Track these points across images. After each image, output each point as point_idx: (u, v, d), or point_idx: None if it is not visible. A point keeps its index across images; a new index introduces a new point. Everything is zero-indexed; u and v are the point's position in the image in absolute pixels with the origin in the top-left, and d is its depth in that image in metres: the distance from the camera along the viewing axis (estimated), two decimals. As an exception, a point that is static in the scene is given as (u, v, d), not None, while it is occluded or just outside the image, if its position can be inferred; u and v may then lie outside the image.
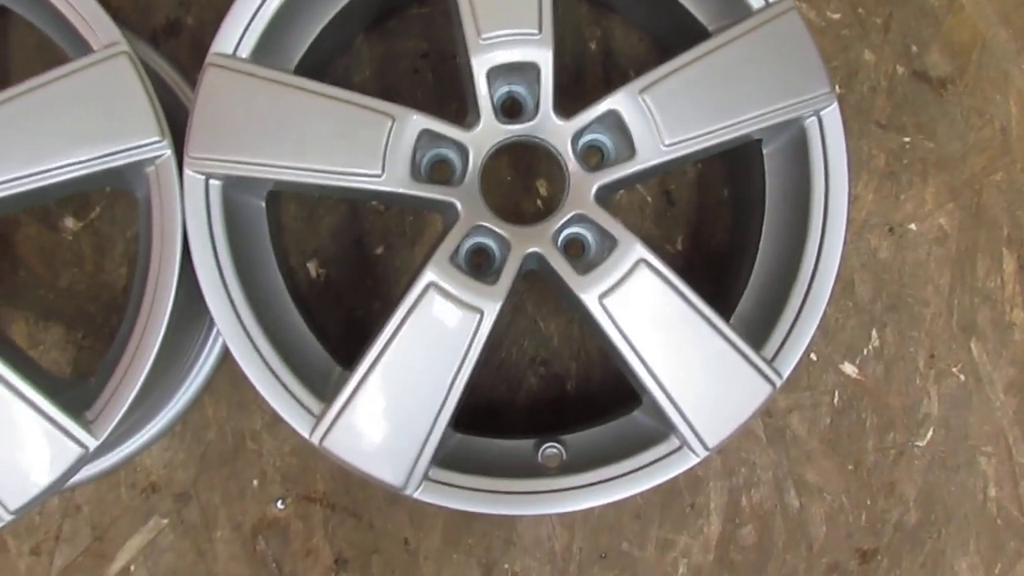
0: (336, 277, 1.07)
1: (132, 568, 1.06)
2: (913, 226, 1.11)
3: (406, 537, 1.07)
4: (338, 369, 0.89)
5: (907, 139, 1.11)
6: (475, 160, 0.83)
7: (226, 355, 1.05)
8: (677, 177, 1.09)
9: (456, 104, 1.08)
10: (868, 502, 1.10)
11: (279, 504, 1.07)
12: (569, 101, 0.88)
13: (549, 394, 1.09)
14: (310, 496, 1.07)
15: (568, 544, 1.08)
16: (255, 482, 1.07)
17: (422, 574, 1.07)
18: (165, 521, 1.06)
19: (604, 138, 0.87)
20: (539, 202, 1.08)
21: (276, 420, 1.06)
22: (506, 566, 1.08)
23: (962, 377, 1.10)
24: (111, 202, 1.07)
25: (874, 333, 1.10)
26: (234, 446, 1.07)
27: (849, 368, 1.10)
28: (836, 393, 1.10)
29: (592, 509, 1.08)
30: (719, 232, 1.09)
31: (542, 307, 1.08)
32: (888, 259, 1.11)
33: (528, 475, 0.86)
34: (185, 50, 1.07)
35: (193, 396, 1.04)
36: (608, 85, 1.08)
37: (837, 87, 1.10)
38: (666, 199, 1.09)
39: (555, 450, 0.89)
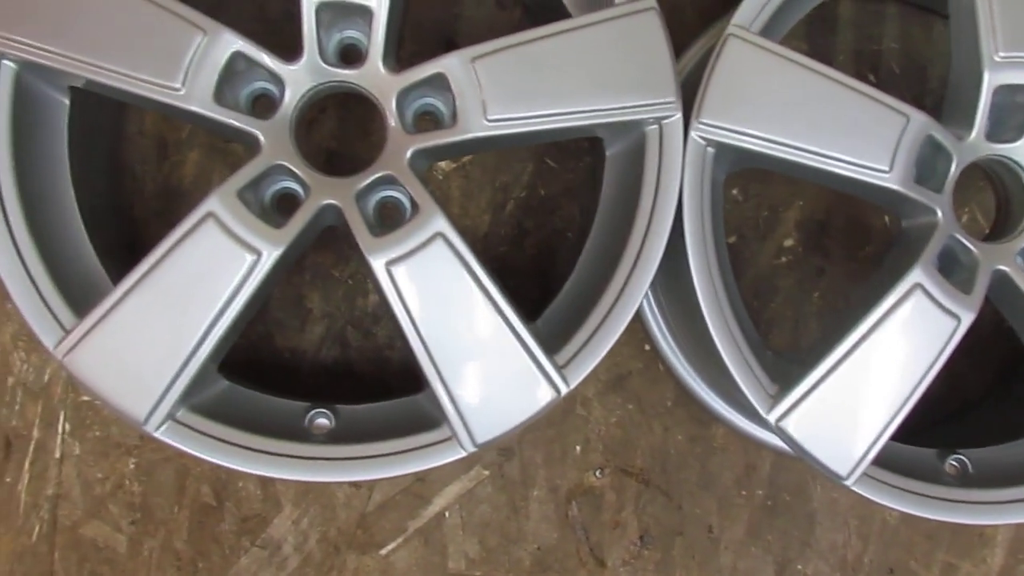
0: (687, 258, 1.08)
1: (447, 514, 1.05)
2: None
3: (711, 524, 1.08)
4: (768, 353, 0.89)
5: None
6: (955, 172, 0.85)
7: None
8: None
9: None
10: None
11: (597, 473, 1.07)
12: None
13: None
14: (627, 470, 1.08)
15: (860, 554, 1.10)
16: (578, 448, 1.07)
17: (720, 562, 1.08)
18: (487, 473, 1.06)
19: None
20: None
21: (608, 389, 1.07)
22: (799, 567, 1.09)
23: None
24: (486, 147, 1.06)
25: None
26: (564, 409, 1.07)
27: None
28: None
29: (888, 522, 1.11)
30: None
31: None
32: None
33: (933, 481, 0.88)
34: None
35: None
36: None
37: None
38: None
39: (959, 464, 0.91)
